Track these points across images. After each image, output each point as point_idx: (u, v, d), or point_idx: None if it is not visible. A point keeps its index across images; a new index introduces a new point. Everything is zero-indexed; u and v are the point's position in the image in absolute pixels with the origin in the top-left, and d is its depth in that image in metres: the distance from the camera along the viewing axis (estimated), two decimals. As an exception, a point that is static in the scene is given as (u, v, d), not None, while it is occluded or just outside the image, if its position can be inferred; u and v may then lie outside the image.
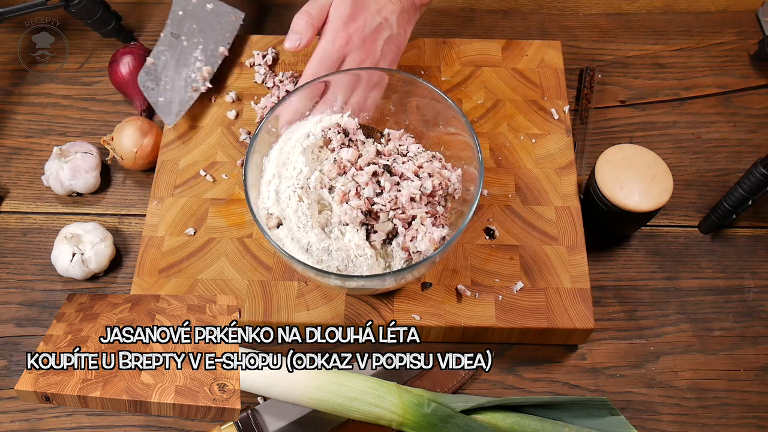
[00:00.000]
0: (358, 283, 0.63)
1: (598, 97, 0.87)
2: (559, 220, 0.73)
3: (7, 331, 0.72)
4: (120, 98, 0.88)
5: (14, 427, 0.67)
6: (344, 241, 0.66)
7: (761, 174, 0.70)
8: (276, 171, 0.68)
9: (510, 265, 0.71)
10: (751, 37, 0.92)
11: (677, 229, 0.79)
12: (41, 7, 0.82)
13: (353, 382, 0.62)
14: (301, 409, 0.66)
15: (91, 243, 0.73)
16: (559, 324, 0.67)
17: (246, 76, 0.84)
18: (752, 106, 0.87)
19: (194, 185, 0.76)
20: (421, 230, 0.64)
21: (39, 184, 0.81)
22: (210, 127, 0.80)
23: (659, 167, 0.71)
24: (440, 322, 0.68)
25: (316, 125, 0.70)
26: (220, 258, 0.71)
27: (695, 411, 0.68)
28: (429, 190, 0.66)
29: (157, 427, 0.67)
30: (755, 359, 0.71)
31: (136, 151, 0.78)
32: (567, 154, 0.77)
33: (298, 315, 0.68)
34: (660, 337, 0.72)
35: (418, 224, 0.65)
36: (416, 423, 0.61)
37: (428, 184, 0.66)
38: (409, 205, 0.65)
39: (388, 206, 0.65)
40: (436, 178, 0.67)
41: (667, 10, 0.96)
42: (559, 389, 0.69)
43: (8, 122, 0.86)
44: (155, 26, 0.94)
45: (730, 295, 0.74)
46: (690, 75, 0.89)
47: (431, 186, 0.66)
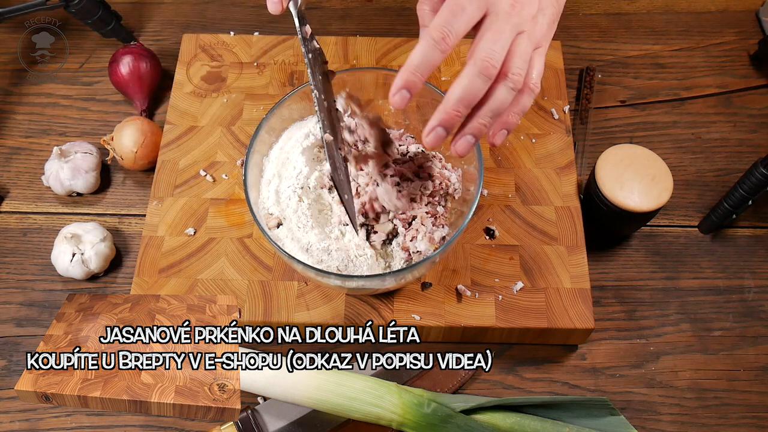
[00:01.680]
0: (358, 283, 0.63)
1: (598, 97, 0.87)
2: (559, 220, 0.73)
3: (7, 331, 0.72)
4: (120, 98, 0.88)
5: (14, 427, 0.67)
6: (344, 241, 0.66)
7: (761, 174, 0.70)
8: (276, 171, 0.68)
9: (510, 265, 0.71)
10: (751, 37, 0.92)
11: (677, 229, 0.79)
12: (41, 7, 0.82)
13: (353, 382, 0.62)
14: (301, 409, 0.66)
15: (91, 243, 0.73)
16: (559, 324, 0.67)
17: (246, 76, 0.84)
18: (752, 106, 0.87)
19: (194, 185, 0.76)
20: (421, 230, 0.64)
21: (39, 184, 0.81)
22: (210, 127, 0.80)
23: (659, 167, 0.71)
24: (440, 322, 0.68)
25: (316, 125, 0.70)
26: (220, 258, 0.71)
27: (695, 411, 0.68)
28: (429, 190, 0.66)
29: (157, 427, 0.67)
30: (755, 359, 0.71)
31: (136, 151, 0.78)
32: (567, 154, 0.77)
33: (298, 315, 0.68)
34: (660, 337, 0.72)
35: (418, 224, 0.65)
36: (416, 423, 0.61)
37: (428, 184, 0.66)
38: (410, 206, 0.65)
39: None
40: (436, 178, 0.67)
41: (667, 10, 0.96)
42: (559, 389, 0.69)
43: (8, 122, 0.86)
44: (155, 26, 0.94)
45: (730, 295, 0.74)
46: (690, 75, 0.89)
47: (431, 186, 0.66)
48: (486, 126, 0.53)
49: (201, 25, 0.94)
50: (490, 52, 0.51)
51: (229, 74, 0.84)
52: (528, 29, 0.53)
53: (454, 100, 0.51)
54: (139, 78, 0.84)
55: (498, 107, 0.52)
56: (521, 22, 0.53)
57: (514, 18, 0.53)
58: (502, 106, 0.52)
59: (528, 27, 0.54)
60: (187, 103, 0.81)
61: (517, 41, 0.53)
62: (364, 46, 0.85)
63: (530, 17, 0.54)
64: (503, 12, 0.52)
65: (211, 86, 0.83)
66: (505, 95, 0.52)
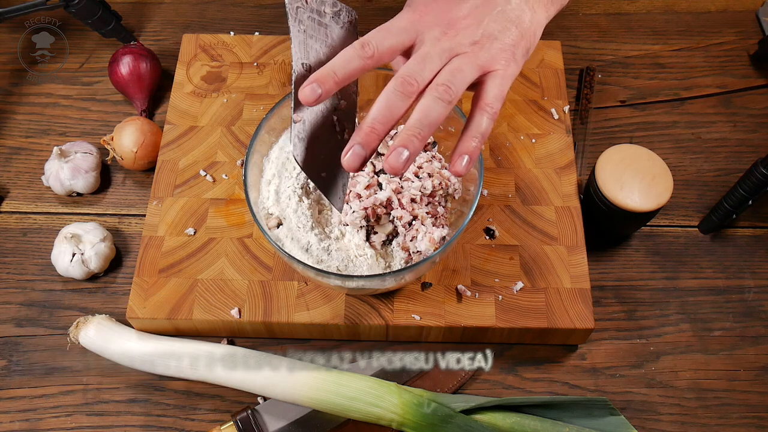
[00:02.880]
0: (358, 283, 0.63)
1: (598, 97, 0.87)
2: (559, 220, 0.73)
3: (7, 331, 0.72)
4: (120, 98, 0.88)
5: (14, 427, 0.67)
6: (344, 241, 0.66)
7: (761, 174, 0.70)
8: (276, 171, 0.68)
9: (510, 265, 0.71)
10: (751, 37, 0.92)
11: (677, 229, 0.79)
12: (41, 7, 0.82)
13: (353, 382, 0.62)
14: (301, 409, 0.66)
15: (91, 243, 0.73)
16: (559, 324, 0.67)
17: (246, 76, 0.84)
18: (752, 106, 0.87)
19: (194, 185, 0.76)
20: (421, 230, 0.64)
21: (39, 184, 0.81)
22: (210, 127, 0.80)
23: (659, 167, 0.71)
24: (440, 322, 0.68)
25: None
26: (220, 258, 0.71)
27: (695, 411, 0.68)
28: (429, 190, 0.66)
29: (157, 427, 0.67)
30: (755, 359, 0.71)
31: (136, 151, 0.78)
32: (567, 154, 0.77)
33: (298, 315, 0.68)
34: (660, 337, 0.72)
35: (418, 224, 0.65)
36: (416, 423, 0.61)
37: (428, 184, 0.66)
38: (410, 206, 0.65)
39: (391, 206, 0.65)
40: (435, 178, 0.67)
41: (667, 10, 0.96)
42: (559, 389, 0.69)
43: (8, 122, 0.86)
44: (155, 26, 0.94)
45: (730, 295, 0.74)
46: (690, 75, 0.89)
47: (431, 186, 0.66)
48: (418, 137, 0.50)
49: (201, 25, 0.95)
50: (409, 70, 0.51)
51: (229, 74, 0.84)
52: (468, 52, 0.54)
53: (370, 118, 0.51)
54: (139, 78, 0.84)
55: (426, 117, 0.51)
56: (454, 47, 0.53)
57: (444, 43, 0.53)
58: (430, 115, 0.51)
59: (467, 50, 0.54)
60: (187, 103, 0.81)
61: (450, 61, 0.53)
62: (364, 46, 0.85)
63: (470, 42, 0.54)
64: (431, 38, 0.53)
65: (211, 86, 0.83)
66: (431, 103, 0.51)
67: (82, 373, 0.70)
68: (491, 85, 0.54)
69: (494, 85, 0.54)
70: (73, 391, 0.69)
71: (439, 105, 0.51)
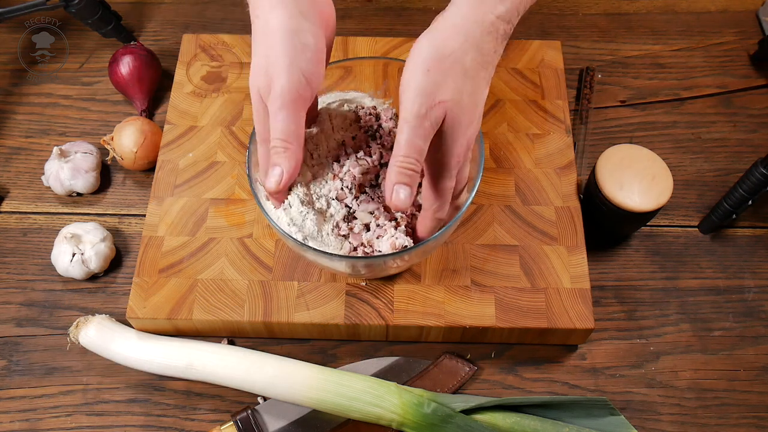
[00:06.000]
0: (370, 262, 0.62)
1: (598, 97, 0.87)
2: (559, 220, 0.73)
3: (7, 331, 0.72)
4: (120, 98, 0.88)
5: (14, 427, 0.67)
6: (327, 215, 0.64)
7: (761, 174, 0.70)
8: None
9: (510, 265, 0.71)
10: (751, 37, 0.92)
11: (677, 229, 0.79)
12: (41, 7, 0.82)
13: (353, 382, 0.62)
14: (301, 409, 0.66)
15: (91, 243, 0.73)
16: (559, 324, 0.67)
17: (246, 76, 0.84)
18: (752, 106, 0.87)
19: (194, 185, 0.76)
20: (389, 232, 0.63)
21: (39, 184, 0.81)
22: (210, 127, 0.80)
23: (659, 167, 0.71)
24: (440, 322, 0.68)
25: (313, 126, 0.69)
26: (220, 258, 0.71)
27: (695, 411, 0.68)
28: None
29: (157, 427, 0.67)
30: (755, 359, 0.71)
31: (136, 151, 0.78)
32: (567, 154, 0.77)
33: (298, 315, 0.68)
34: (660, 337, 0.72)
35: (389, 226, 0.63)
36: (416, 423, 0.61)
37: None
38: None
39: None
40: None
41: (667, 10, 0.96)
42: (559, 389, 0.69)
43: (8, 122, 0.86)
44: (155, 26, 0.94)
45: (730, 295, 0.74)
46: (690, 75, 0.89)
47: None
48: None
49: (201, 25, 0.95)
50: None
51: (229, 74, 0.84)
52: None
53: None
54: (139, 78, 0.84)
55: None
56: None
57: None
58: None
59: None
60: (187, 103, 0.81)
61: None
62: (364, 46, 0.85)
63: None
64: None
65: (211, 86, 0.83)
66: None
67: (82, 373, 0.70)
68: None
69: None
70: (73, 391, 0.69)
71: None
